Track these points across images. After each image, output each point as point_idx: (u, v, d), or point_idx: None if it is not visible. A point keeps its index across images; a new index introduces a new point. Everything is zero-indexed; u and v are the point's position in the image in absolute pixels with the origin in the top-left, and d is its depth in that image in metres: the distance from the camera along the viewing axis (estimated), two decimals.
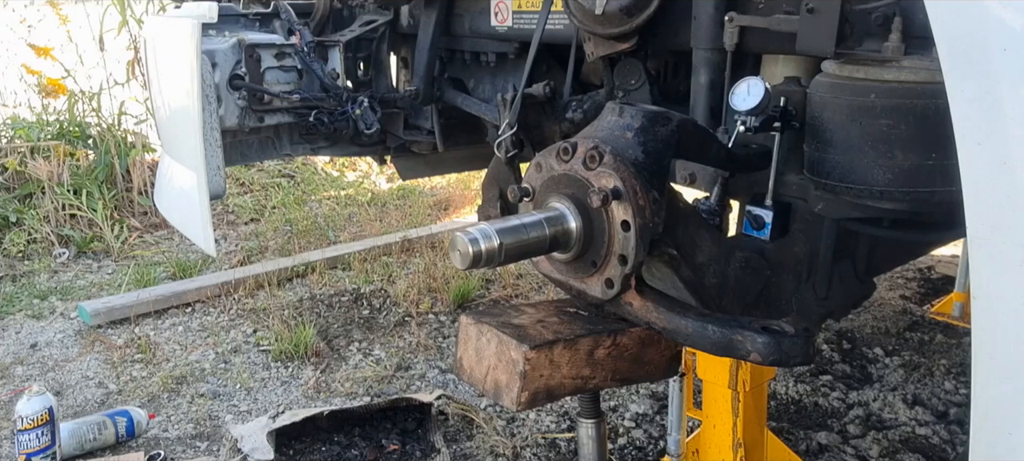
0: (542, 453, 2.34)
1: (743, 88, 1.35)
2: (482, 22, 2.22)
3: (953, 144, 0.83)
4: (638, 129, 1.13)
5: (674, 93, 1.92)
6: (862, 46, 1.23)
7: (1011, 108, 0.79)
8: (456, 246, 1.04)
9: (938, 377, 2.74)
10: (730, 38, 1.46)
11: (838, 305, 1.49)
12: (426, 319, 3.25)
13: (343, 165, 5.66)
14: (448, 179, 5.37)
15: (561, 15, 1.89)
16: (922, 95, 1.10)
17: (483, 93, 2.41)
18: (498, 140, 2.04)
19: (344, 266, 3.84)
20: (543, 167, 1.17)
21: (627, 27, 1.63)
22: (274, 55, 2.50)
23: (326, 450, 2.34)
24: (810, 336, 1.07)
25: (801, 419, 2.52)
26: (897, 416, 2.50)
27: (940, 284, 3.60)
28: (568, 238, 1.11)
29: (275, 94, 2.45)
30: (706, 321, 1.10)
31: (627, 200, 1.06)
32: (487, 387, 1.13)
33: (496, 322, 1.13)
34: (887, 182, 1.15)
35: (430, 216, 4.75)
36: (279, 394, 2.69)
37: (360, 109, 2.46)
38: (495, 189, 2.11)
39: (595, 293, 1.15)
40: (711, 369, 1.73)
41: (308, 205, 4.91)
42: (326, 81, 2.50)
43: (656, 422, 2.49)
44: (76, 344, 3.03)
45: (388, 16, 2.56)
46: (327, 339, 3.08)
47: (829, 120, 1.21)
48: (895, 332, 3.11)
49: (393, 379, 2.78)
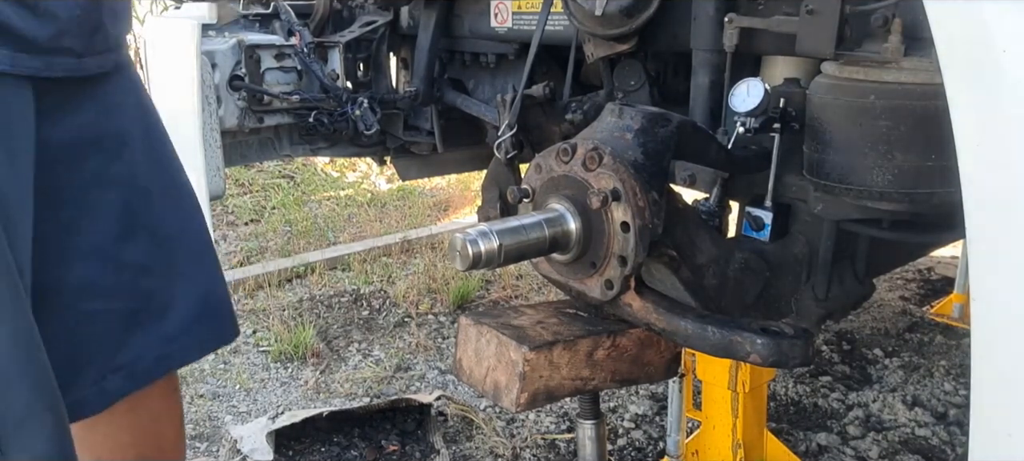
0: (542, 454, 2.34)
1: (743, 89, 1.35)
2: (482, 23, 2.22)
3: (952, 145, 0.83)
4: (638, 130, 1.13)
5: (674, 94, 1.92)
6: (862, 47, 1.22)
7: (1011, 109, 0.79)
8: (455, 247, 1.03)
9: (938, 378, 2.74)
10: (730, 39, 1.46)
11: (837, 306, 1.49)
12: (426, 320, 3.25)
13: (343, 166, 5.66)
14: (448, 180, 5.37)
15: (561, 16, 1.89)
16: (922, 96, 1.10)
17: (483, 94, 2.41)
18: (498, 141, 2.04)
19: (344, 267, 3.84)
20: (542, 168, 1.17)
21: (627, 28, 1.63)
22: (274, 56, 2.50)
23: (325, 451, 2.34)
24: (810, 337, 1.07)
25: (801, 420, 2.51)
26: (897, 417, 2.50)
27: (940, 285, 3.60)
28: (568, 239, 1.11)
29: (275, 95, 2.45)
30: (705, 322, 1.10)
31: (626, 201, 1.06)
32: (486, 388, 1.13)
33: (495, 323, 1.13)
34: (887, 183, 1.15)
35: (430, 217, 4.75)
36: (279, 395, 2.69)
37: (360, 110, 2.46)
38: (495, 190, 2.11)
39: (594, 294, 1.15)
40: (710, 370, 1.73)
41: (308, 206, 4.91)
42: (326, 82, 2.50)
43: (656, 423, 2.49)
44: None
45: (388, 17, 2.56)
46: (327, 340, 3.08)
47: (828, 121, 1.21)
48: (895, 333, 3.11)
49: (393, 380, 2.78)
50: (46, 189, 1.11)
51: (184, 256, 1.34)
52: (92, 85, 1.17)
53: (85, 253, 1.20)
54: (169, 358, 1.32)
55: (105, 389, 1.25)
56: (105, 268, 1.22)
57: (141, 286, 1.27)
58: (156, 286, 1.28)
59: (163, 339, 1.30)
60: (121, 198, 1.23)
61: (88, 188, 1.19)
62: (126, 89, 1.26)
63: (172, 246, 1.31)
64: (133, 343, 1.27)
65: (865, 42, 1.22)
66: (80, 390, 1.22)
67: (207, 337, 1.37)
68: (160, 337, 1.29)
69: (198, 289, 1.35)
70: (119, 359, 1.26)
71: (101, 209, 1.21)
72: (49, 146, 1.12)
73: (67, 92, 1.13)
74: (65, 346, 1.17)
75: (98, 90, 1.19)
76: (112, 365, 1.25)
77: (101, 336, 1.24)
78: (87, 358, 1.23)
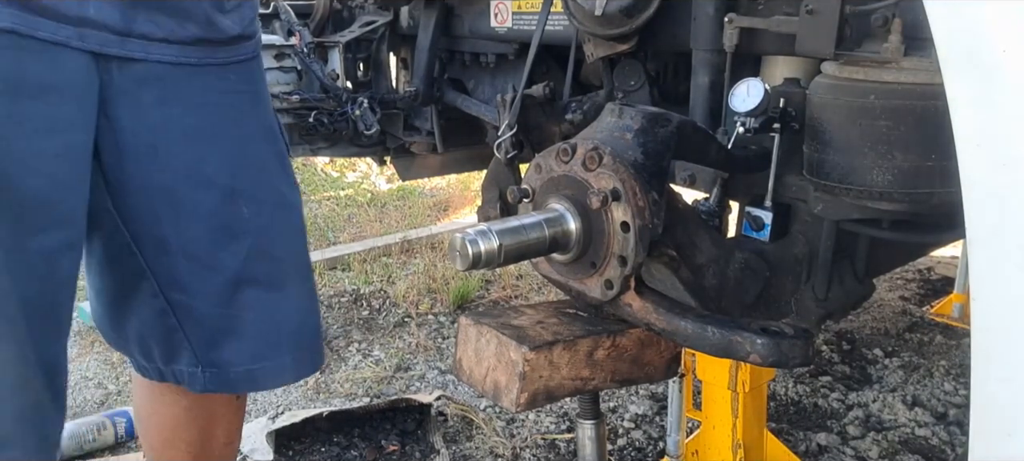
0: (542, 454, 2.34)
1: (742, 89, 1.35)
2: (482, 23, 2.22)
3: (952, 145, 0.83)
4: (637, 130, 1.13)
5: (674, 94, 1.92)
6: (861, 47, 1.23)
7: (1010, 109, 0.79)
8: (455, 247, 1.03)
9: (937, 378, 2.74)
10: (730, 39, 1.46)
11: (837, 306, 1.49)
12: (426, 320, 3.25)
13: (343, 166, 5.66)
14: (448, 180, 5.37)
15: (561, 16, 1.89)
16: (921, 96, 1.10)
17: (483, 94, 2.41)
18: (498, 141, 2.04)
19: (343, 267, 3.84)
20: (542, 168, 1.17)
21: (627, 28, 1.63)
22: (274, 56, 2.50)
23: (325, 451, 2.34)
24: (810, 337, 1.07)
25: (801, 420, 2.51)
26: (897, 417, 2.50)
27: (940, 285, 3.60)
28: (567, 239, 1.11)
29: (275, 95, 2.45)
30: (705, 322, 1.10)
31: (626, 201, 1.06)
32: (486, 388, 1.12)
33: (495, 323, 1.13)
34: (886, 183, 1.15)
35: (430, 217, 4.75)
36: (278, 395, 2.69)
37: (360, 110, 2.46)
38: (495, 190, 2.11)
39: (594, 294, 1.15)
40: (710, 370, 1.73)
41: (307, 206, 4.91)
42: (326, 82, 2.50)
43: (655, 423, 2.49)
44: (75, 345, 3.03)
45: (388, 17, 2.56)
46: (327, 340, 3.08)
47: (828, 121, 1.21)
48: (895, 333, 3.11)
49: (393, 380, 2.78)
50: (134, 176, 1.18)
51: (286, 276, 1.35)
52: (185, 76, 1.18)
53: (173, 248, 1.24)
54: (254, 377, 1.35)
55: (196, 377, 1.32)
56: (192, 267, 1.25)
57: (237, 296, 1.29)
58: (253, 299, 1.30)
59: (252, 356, 1.32)
60: (217, 201, 1.24)
61: (178, 183, 1.21)
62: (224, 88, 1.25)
63: (275, 264, 1.32)
64: (227, 347, 1.31)
65: (865, 42, 1.22)
66: (180, 366, 1.32)
67: (293, 366, 1.38)
68: (249, 354, 1.32)
69: (296, 315, 1.37)
70: (212, 356, 1.31)
71: (194, 208, 1.23)
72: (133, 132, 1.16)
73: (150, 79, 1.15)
74: (159, 326, 1.29)
75: (192, 83, 1.19)
76: (206, 359, 1.31)
77: (192, 329, 1.29)
78: (181, 342, 1.30)
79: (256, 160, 1.29)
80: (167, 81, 1.16)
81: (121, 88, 1.12)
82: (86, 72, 1.08)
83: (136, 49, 1.12)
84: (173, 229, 1.22)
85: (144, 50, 1.12)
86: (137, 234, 1.22)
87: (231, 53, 1.24)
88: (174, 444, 1.47)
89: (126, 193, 1.19)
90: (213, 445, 1.49)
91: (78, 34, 1.05)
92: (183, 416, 1.45)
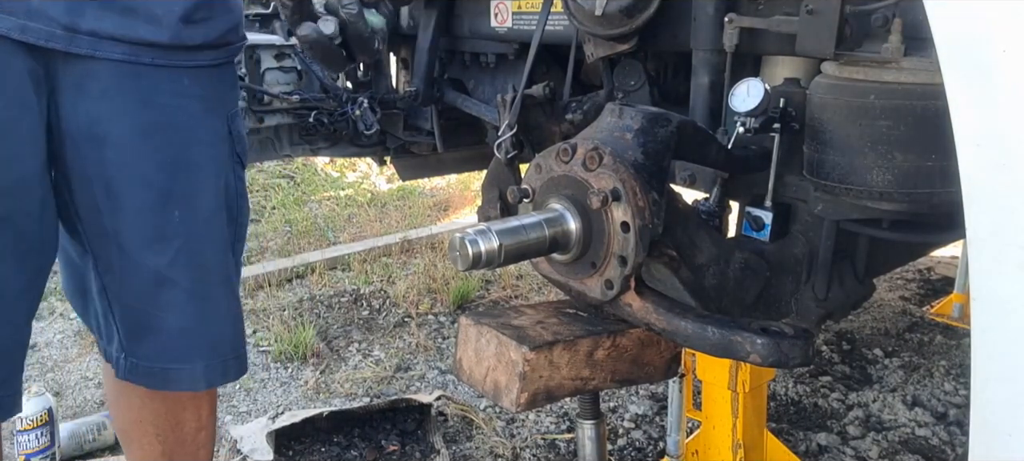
0: (542, 454, 2.34)
1: (743, 89, 1.35)
2: (482, 23, 2.22)
3: (952, 145, 0.83)
4: (637, 130, 1.13)
5: (674, 94, 1.92)
6: (862, 47, 1.23)
7: (1010, 109, 0.79)
8: (455, 247, 1.03)
9: (938, 378, 2.74)
10: (730, 39, 1.45)
11: (837, 306, 1.49)
12: (426, 320, 3.25)
13: (343, 166, 5.66)
14: (448, 180, 5.37)
15: (561, 16, 1.89)
16: (921, 96, 1.10)
17: (483, 94, 2.41)
18: (498, 141, 2.04)
19: (344, 267, 3.84)
20: (543, 168, 1.17)
21: (627, 28, 1.63)
22: (274, 56, 2.50)
23: (325, 451, 2.34)
24: (810, 337, 1.07)
25: (801, 420, 2.52)
26: (897, 417, 2.50)
27: (940, 285, 3.60)
28: (568, 239, 1.11)
29: (275, 95, 2.45)
30: (705, 322, 1.10)
31: (626, 201, 1.06)
32: (486, 388, 1.13)
33: (496, 323, 1.13)
34: (887, 183, 1.15)
35: (430, 217, 4.75)
36: (278, 395, 2.69)
37: (359, 110, 2.46)
38: (495, 190, 2.11)
39: (595, 294, 1.15)
40: (710, 370, 1.73)
41: (308, 206, 4.91)
42: (326, 82, 2.50)
43: (656, 423, 2.49)
44: (75, 345, 3.03)
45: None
46: (327, 340, 3.08)
47: (828, 121, 1.21)
48: (895, 333, 3.11)
49: (393, 380, 2.78)
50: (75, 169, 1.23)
51: (211, 284, 1.37)
52: (133, 74, 1.21)
53: (109, 235, 1.28)
54: (168, 377, 1.38)
55: (120, 363, 1.37)
56: (123, 258, 1.29)
57: (160, 296, 1.32)
58: (175, 301, 1.33)
59: (169, 356, 1.36)
60: (151, 200, 1.27)
61: (116, 175, 1.24)
62: (175, 91, 1.27)
63: (201, 271, 1.35)
64: (147, 342, 1.35)
65: (865, 42, 1.22)
66: (111, 348, 1.38)
67: (205, 373, 1.40)
68: (166, 353, 1.36)
69: (216, 324, 1.39)
70: (134, 347, 1.36)
71: (129, 203, 1.27)
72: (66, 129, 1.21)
73: (97, 74, 1.18)
74: (101, 305, 1.34)
75: (140, 82, 1.22)
76: (129, 349, 1.36)
77: (120, 315, 1.34)
78: (113, 326, 1.36)
79: (197, 166, 1.31)
80: (114, 77, 1.19)
81: (68, 81, 1.17)
82: (27, 63, 1.12)
83: (83, 45, 1.15)
84: (110, 218, 1.26)
85: (92, 46, 1.16)
86: (83, 217, 1.27)
87: (187, 58, 1.26)
88: (142, 427, 1.51)
89: (73, 177, 1.24)
90: (183, 431, 1.51)
91: (20, 26, 1.10)
92: (148, 399, 1.47)
